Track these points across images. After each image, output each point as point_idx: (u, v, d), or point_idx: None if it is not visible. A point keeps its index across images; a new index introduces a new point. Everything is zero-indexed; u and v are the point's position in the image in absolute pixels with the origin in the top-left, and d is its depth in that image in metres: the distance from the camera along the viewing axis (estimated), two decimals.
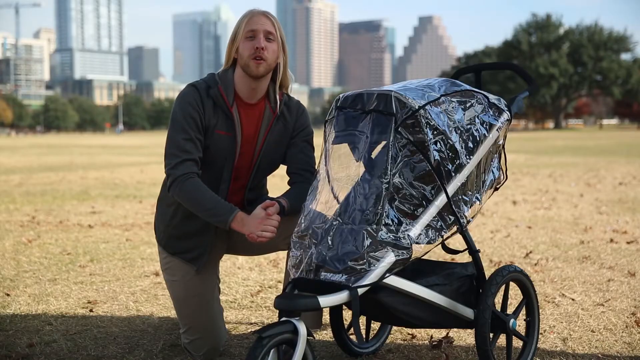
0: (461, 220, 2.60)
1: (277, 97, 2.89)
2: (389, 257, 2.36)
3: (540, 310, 3.20)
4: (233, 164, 2.86)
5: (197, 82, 2.85)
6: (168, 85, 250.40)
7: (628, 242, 5.83)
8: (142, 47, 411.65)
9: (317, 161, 2.72)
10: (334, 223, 2.46)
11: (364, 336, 3.19)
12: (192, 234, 2.89)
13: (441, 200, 2.52)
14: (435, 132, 2.49)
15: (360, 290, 2.33)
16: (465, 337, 3.35)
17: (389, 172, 2.44)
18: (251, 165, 2.92)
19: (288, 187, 2.90)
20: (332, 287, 2.34)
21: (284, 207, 2.71)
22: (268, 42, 2.78)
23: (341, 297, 2.31)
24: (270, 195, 3.14)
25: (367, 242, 2.36)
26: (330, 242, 2.41)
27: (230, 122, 2.82)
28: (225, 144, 2.82)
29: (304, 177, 2.88)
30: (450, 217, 2.57)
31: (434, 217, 2.51)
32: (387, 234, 2.38)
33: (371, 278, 2.34)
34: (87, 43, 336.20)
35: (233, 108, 2.81)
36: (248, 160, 2.91)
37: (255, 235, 2.61)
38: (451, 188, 2.55)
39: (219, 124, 2.80)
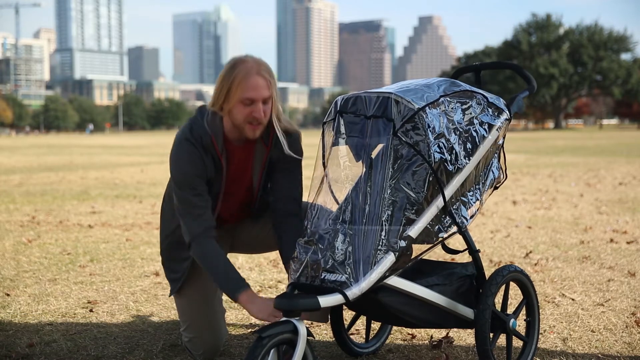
0: (461, 221, 2.60)
1: (269, 132, 2.81)
2: (389, 258, 2.37)
3: (540, 310, 3.19)
4: (218, 193, 2.85)
5: (191, 136, 2.73)
6: (168, 85, 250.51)
7: (628, 242, 5.83)
8: (142, 47, 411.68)
9: (314, 165, 2.73)
10: (337, 227, 2.47)
11: (364, 336, 3.19)
12: (178, 259, 2.92)
13: (440, 201, 2.52)
14: (434, 134, 2.49)
15: (361, 290, 2.33)
16: (465, 337, 3.35)
17: (388, 175, 2.44)
18: (252, 195, 2.93)
19: (276, 223, 2.87)
20: (332, 288, 2.35)
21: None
22: (265, 105, 2.67)
23: (341, 297, 2.31)
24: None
25: (368, 243, 2.36)
26: (332, 245, 2.43)
27: (218, 165, 2.79)
28: (212, 182, 2.82)
29: (288, 212, 2.83)
30: (450, 217, 2.57)
31: (433, 218, 2.51)
32: (387, 235, 2.38)
33: (371, 278, 2.34)
34: (87, 43, 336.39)
35: (223, 156, 2.77)
36: (241, 188, 2.91)
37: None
38: (450, 189, 2.55)
39: (214, 172, 2.80)
